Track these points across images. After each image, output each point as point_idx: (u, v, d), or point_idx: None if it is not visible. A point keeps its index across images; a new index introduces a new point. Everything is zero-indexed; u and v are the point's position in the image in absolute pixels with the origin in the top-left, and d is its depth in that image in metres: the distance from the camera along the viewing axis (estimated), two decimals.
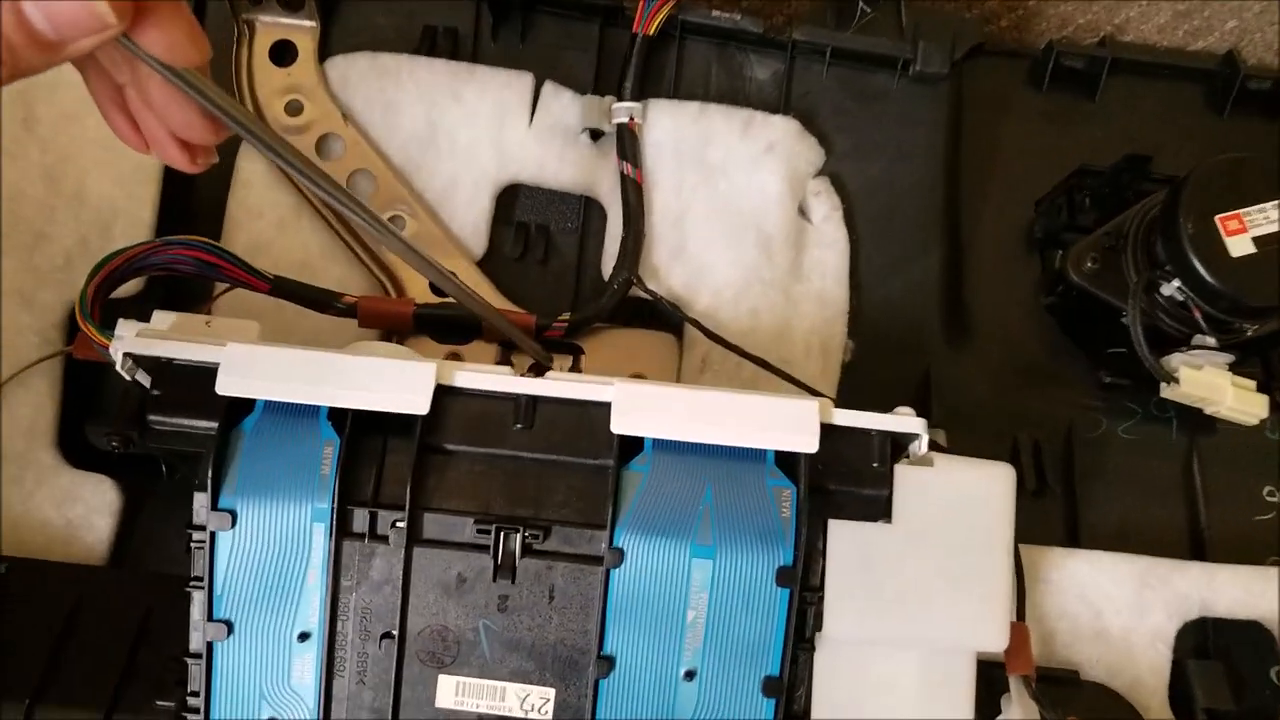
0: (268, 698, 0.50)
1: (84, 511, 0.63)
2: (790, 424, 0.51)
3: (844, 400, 0.68)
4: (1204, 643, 0.66)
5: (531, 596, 0.51)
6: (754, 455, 0.52)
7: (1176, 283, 0.69)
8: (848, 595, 0.51)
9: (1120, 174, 0.77)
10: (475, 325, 0.64)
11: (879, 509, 0.52)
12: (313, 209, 0.67)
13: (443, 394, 0.52)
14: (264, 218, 0.66)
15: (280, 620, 0.50)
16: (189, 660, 0.51)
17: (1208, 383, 0.68)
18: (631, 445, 0.52)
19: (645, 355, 0.67)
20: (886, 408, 0.68)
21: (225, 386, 0.50)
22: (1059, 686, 0.62)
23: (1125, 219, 0.75)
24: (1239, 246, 0.66)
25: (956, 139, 0.73)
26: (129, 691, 0.57)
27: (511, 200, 0.70)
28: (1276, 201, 0.68)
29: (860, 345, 0.70)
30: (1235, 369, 0.69)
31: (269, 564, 0.50)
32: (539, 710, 0.51)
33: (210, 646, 0.50)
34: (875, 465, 0.52)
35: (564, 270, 0.70)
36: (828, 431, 0.52)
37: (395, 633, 0.50)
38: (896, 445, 0.53)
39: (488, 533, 0.50)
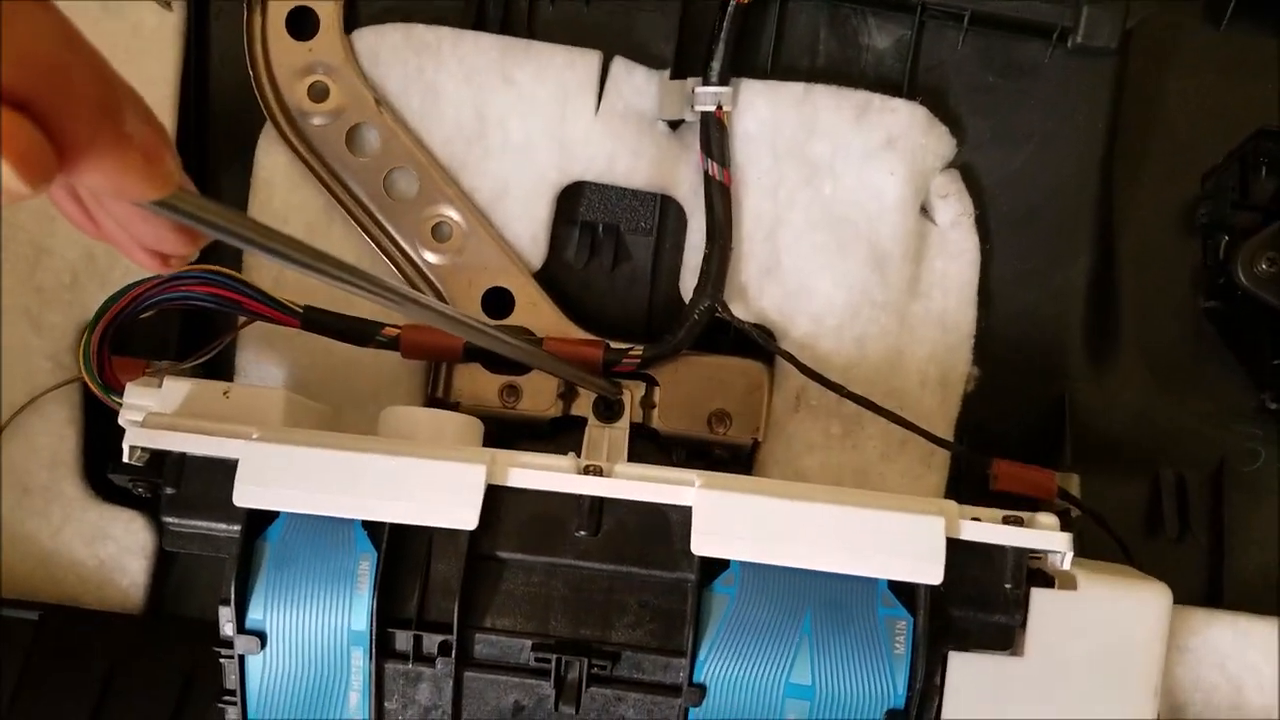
0: None
1: (116, 551, 0.60)
2: (910, 549, 0.44)
3: (963, 435, 0.60)
4: None
5: None
6: (864, 578, 0.45)
7: None
8: None
9: None
10: None
11: (1008, 639, 0.45)
12: (345, 213, 0.59)
13: (495, 493, 0.45)
14: (289, 224, 0.59)
15: None
16: None
17: None
18: (718, 564, 0.45)
19: (730, 388, 0.59)
20: (1011, 443, 0.61)
21: (244, 497, 0.44)
22: None
23: None
24: None
25: (1117, 121, 0.61)
26: None
27: (575, 196, 0.61)
28: None
29: (986, 370, 0.61)
30: None
31: (305, 686, 0.46)
32: None
33: None
34: (1007, 587, 0.45)
35: (636, 278, 0.62)
36: (953, 547, 0.45)
37: None
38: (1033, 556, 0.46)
39: (548, 661, 0.44)
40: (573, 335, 0.59)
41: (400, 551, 0.45)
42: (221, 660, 0.46)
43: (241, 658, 0.45)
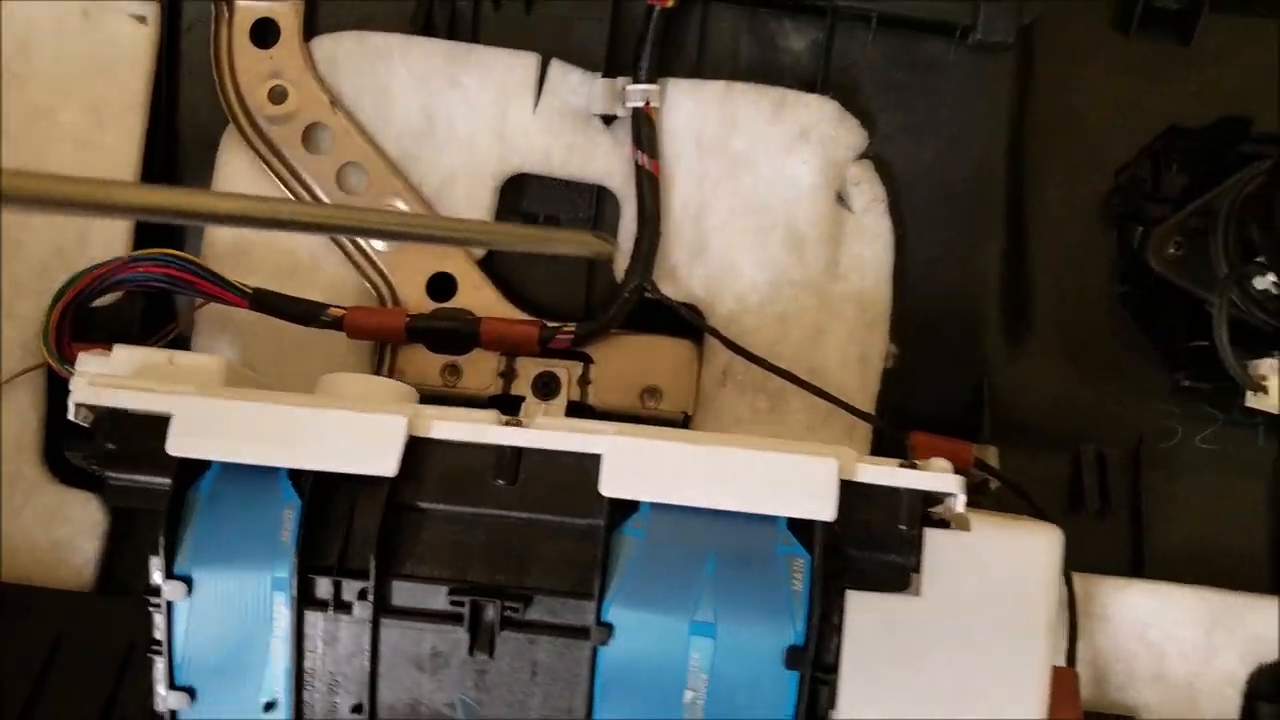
0: None
1: (70, 533, 0.60)
2: (805, 487, 0.44)
3: (885, 412, 0.60)
4: (1277, 676, 0.58)
5: (512, 671, 0.45)
6: (765, 517, 0.44)
7: (1273, 276, 0.58)
8: (866, 675, 0.44)
9: (1216, 136, 0.65)
10: (473, 335, 0.57)
11: (904, 578, 0.45)
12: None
13: (417, 445, 0.45)
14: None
15: (245, 689, 0.46)
16: None
17: None
18: (627, 503, 0.45)
19: (661, 365, 0.59)
20: (933, 420, 0.60)
21: (176, 446, 0.44)
22: None
23: (1217, 195, 0.63)
24: None
25: (1022, 112, 0.62)
26: None
27: (519, 190, 0.62)
28: None
29: (906, 349, 0.61)
30: None
31: (230, 633, 0.45)
32: None
33: (174, 714, 0.46)
34: (902, 528, 0.45)
35: (575, 266, 0.63)
36: (849, 490, 0.44)
37: (365, 706, 0.45)
38: (929, 502, 0.46)
39: (462, 604, 0.44)
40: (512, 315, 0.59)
41: (324, 501, 0.45)
42: (150, 609, 0.46)
43: (169, 605, 0.45)
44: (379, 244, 0.60)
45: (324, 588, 0.45)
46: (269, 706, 0.46)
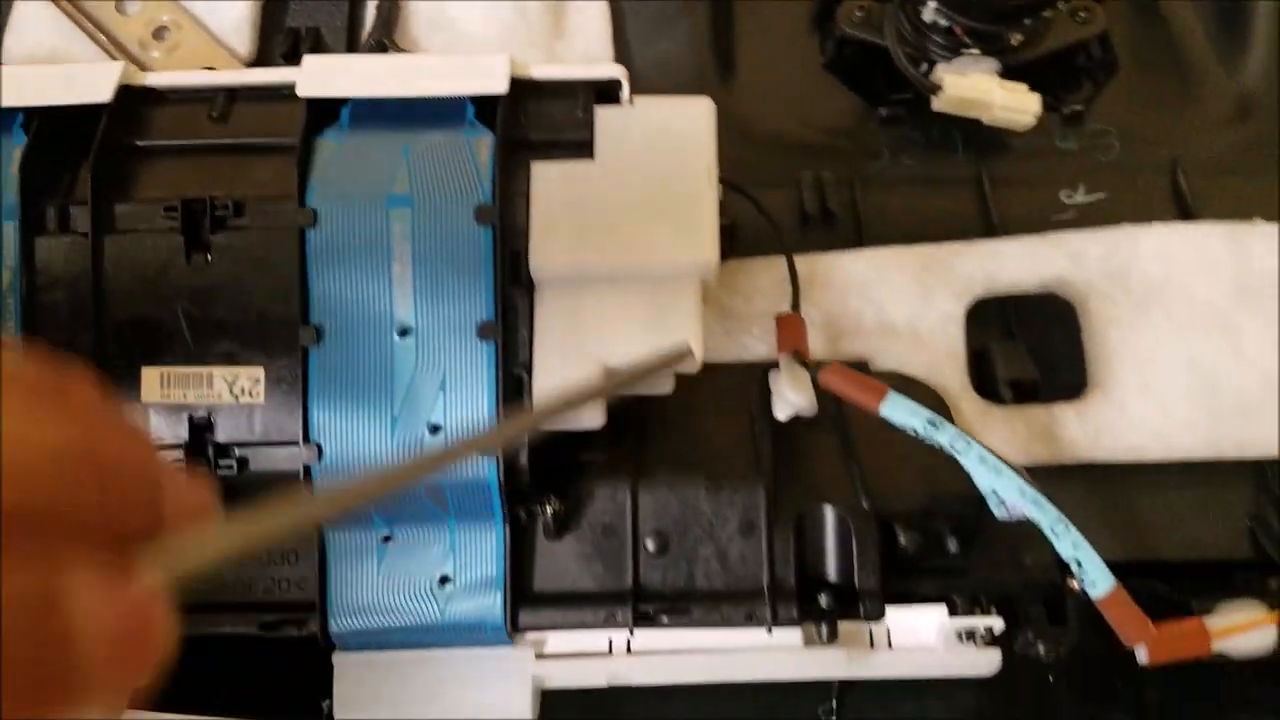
0: None
1: None
2: (479, 70, 0.47)
3: None
4: (1005, 322, 0.59)
5: (230, 273, 0.46)
6: (455, 116, 0.47)
7: (934, 4, 0.64)
8: (557, 232, 0.46)
9: None
10: None
11: (581, 149, 0.47)
12: (86, 35, 0.64)
13: (137, 97, 0.47)
14: (42, 45, 0.63)
15: None
16: None
17: (971, 84, 0.63)
18: (329, 119, 0.47)
19: None
20: None
21: None
22: None
23: None
24: None
25: None
26: None
27: (282, 6, 0.66)
28: None
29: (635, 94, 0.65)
30: None
31: None
32: (249, 393, 0.45)
33: None
34: (578, 114, 0.47)
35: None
36: (530, 87, 0.47)
37: (92, 326, 0.45)
38: (603, 95, 0.49)
39: (176, 211, 0.45)
40: None
41: (52, 141, 0.46)
42: None
43: None
44: (155, 53, 0.64)
45: (51, 216, 0.46)
46: None
